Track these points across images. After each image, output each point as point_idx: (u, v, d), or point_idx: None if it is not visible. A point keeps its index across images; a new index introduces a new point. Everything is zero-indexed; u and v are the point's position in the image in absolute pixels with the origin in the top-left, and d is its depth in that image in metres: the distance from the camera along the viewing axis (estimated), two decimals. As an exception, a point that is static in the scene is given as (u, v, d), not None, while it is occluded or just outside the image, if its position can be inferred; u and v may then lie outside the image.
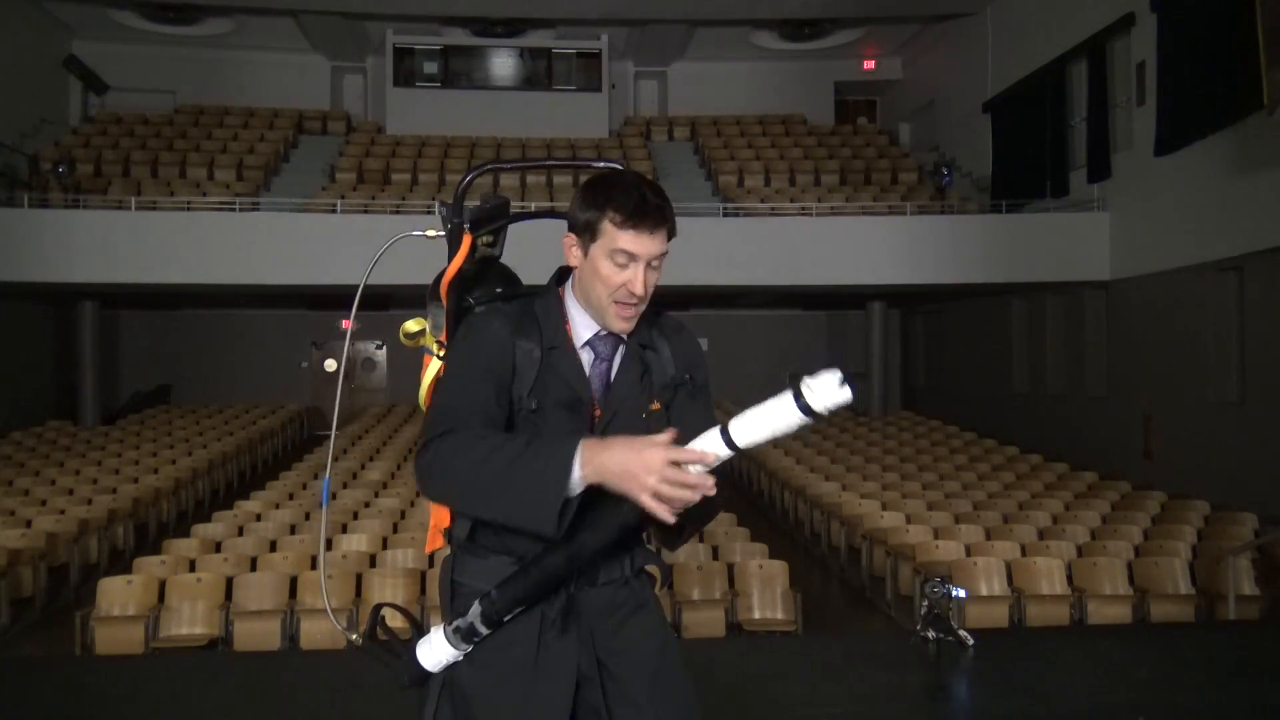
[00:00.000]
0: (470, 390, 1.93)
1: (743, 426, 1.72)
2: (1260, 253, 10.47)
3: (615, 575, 2.05)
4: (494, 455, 1.78)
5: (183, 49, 19.30)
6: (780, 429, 1.69)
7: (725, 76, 20.71)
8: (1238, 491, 10.22)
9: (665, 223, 1.93)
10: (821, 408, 1.64)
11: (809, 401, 1.64)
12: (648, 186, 1.94)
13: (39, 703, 4.39)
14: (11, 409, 15.04)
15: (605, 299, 1.94)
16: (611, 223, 1.90)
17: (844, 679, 4.56)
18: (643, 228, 1.90)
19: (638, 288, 1.92)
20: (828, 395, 1.64)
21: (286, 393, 18.68)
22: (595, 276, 1.94)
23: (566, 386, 1.97)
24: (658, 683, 2.04)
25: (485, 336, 1.98)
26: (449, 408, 1.91)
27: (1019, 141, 15.20)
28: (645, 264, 1.93)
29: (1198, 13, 10.73)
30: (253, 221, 14.14)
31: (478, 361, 1.96)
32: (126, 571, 7.53)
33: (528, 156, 17.74)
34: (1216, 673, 4.65)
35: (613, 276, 1.92)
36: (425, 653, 1.98)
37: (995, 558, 7.51)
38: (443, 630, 1.96)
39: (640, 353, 2.05)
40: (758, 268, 14.16)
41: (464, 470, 1.80)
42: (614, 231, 1.90)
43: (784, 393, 1.67)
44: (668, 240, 1.95)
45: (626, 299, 1.93)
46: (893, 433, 14.95)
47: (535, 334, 1.98)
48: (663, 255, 1.95)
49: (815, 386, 1.64)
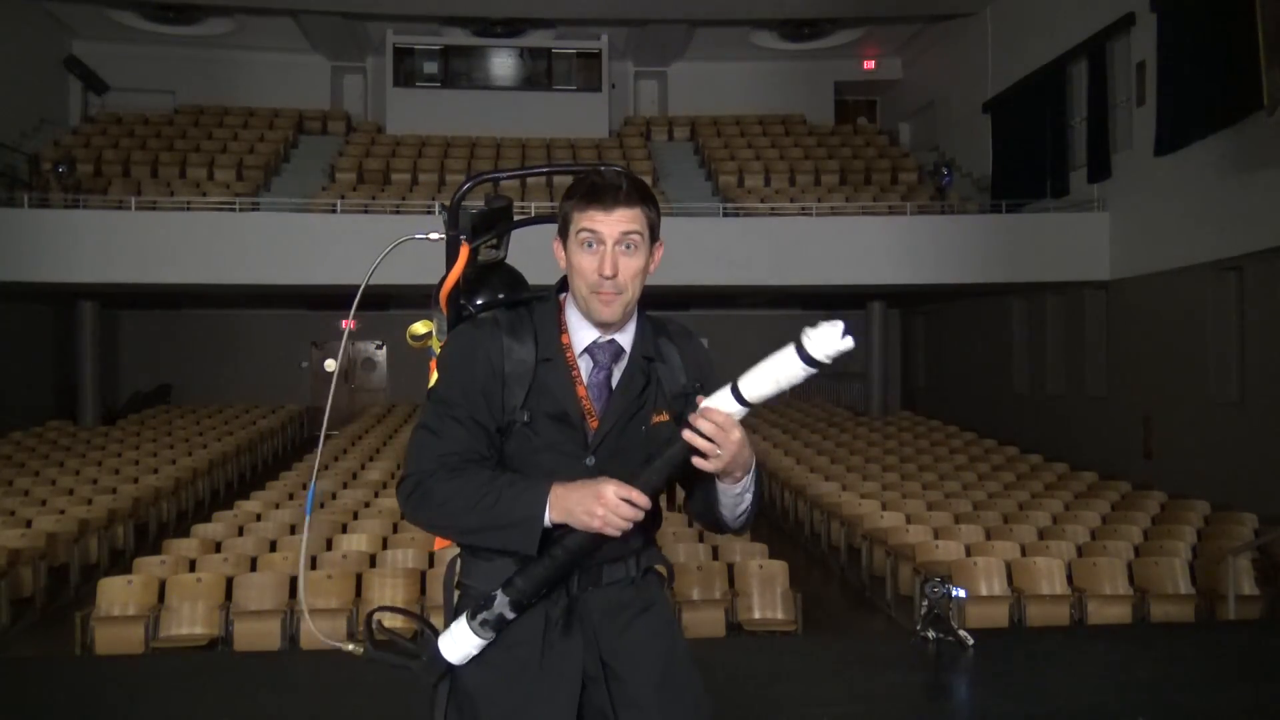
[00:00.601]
0: (456, 412, 1.94)
1: (751, 381, 1.78)
2: (1260, 253, 10.47)
3: (620, 575, 2.04)
4: (473, 508, 1.87)
5: (183, 49, 19.31)
6: (785, 380, 1.75)
7: (725, 76, 20.71)
8: (1238, 491, 10.22)
9: (624, 199, 1.92)
10: (823, 356, 1.70)
11: (810, 351, 1.70)
12: (615, 173, 1.95)
13: (39, 703, 4.39)
14: (11, 409, 15.04)
15: (586, 290, 1.94)
16: (575, 209, 1.93)
17: (844, 679, 4.56)
18: (598, 205, 1.91)
19: (606, 268, 1.91)
20: (828, 344, 1.69)
21: (286, 393, 18.69)
22: (573, 271, 1.95)
23: (556, 401, 1.96)
24: (665, 684, 2.03)
25: (473, 350, 1.97)
26: (429, 445, 1.94)
27: (1019, 141, 15.20)
28: (613, 244, 1.92)
29: (1198, 13, 10.74)
30: (253, 221, 14.14)
31: (464, 379, 1.96)
32: (126, 571, 7.52)
33: (526, 162, 17.75)
34: (1216, 673, 4.65)
35: (585, 263, 1.92)
36: (449, 646, 1.97)
37: (995, 558, 7.51)
38: (465, 623, 1.96)
39: (645, 365, 2.02)
40: (758, 268, 14.16)
41: (447, 517, 1.92)
42: (577, 216, 1.93)
43: (787, 345, 1.73)
44: (641, 222, 1.94)
45: (601, 285, 1.92)
46: (893, 433, 14.95)
47: (529, 344, 1.97)
48: (633, 235, 1.93)
49: (815, 336, 1.70)
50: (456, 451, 1.92)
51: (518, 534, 1.86)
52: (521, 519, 1.85)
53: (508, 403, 1.95)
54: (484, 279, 2.17)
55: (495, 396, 1.95)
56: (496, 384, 1.95)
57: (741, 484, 1.96)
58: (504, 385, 1.95)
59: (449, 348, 2.05)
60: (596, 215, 1.91)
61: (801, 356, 1.71)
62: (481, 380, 1.95)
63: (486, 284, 2.16)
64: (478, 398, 1.94)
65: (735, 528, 2.08)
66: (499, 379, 1.95)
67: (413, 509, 1.95)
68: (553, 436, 1.95)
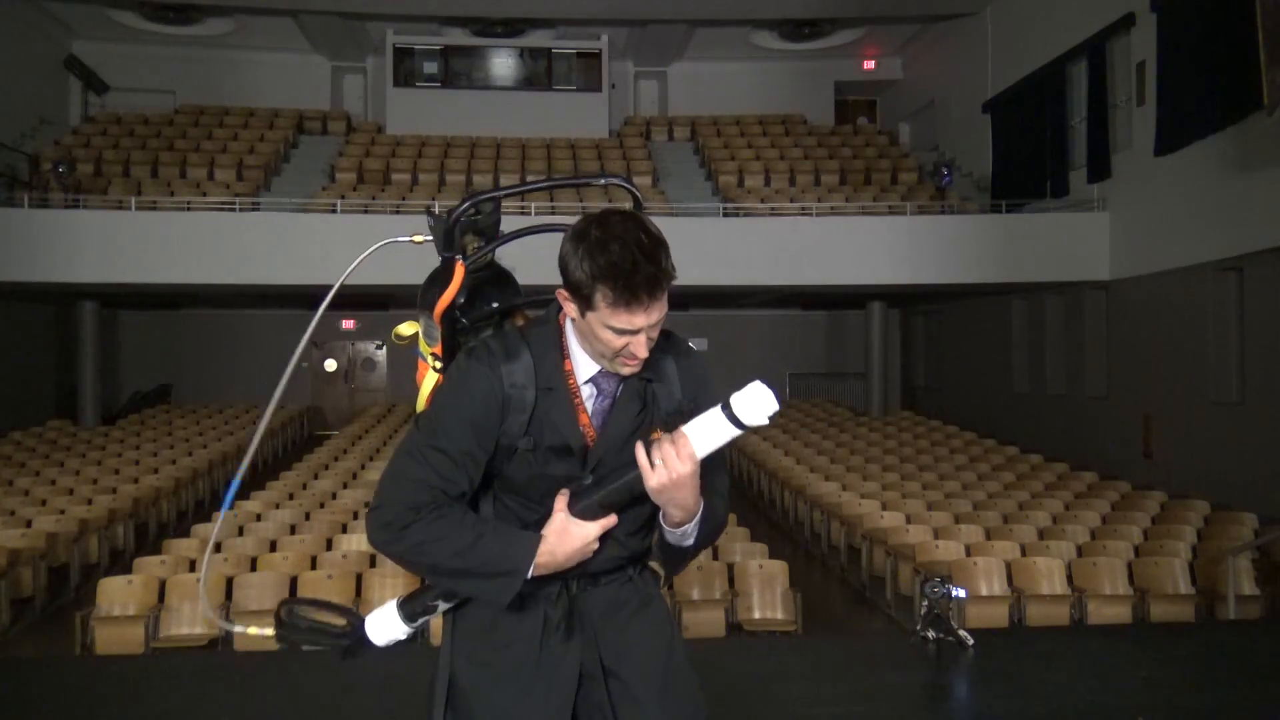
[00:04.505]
0: (441, 443, 1.90)
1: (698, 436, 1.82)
2: (1260, 253, 10.47)
3: (617, 574, 2.05)
4: (454, 556, 1.87)
5: (183, 49, 19.31)
6: (717, 441, 1.81)
7: (725, 76, 20.71)
8: (1238, 491, 10.23)
9: (661, 290, 1.80)
10: (754, 422, 1.76)
11: (739, 414, 1.76)
12: (639, 250, 1.77)
13: (39, 703, 4.39)
14: (11, 409, 15.04)
15: (608, 356, 1.89)
16: (604, 300, 1.79)
17: (844, 679, 4.56)
18: (637, 306, 1.78)
19: (641, 351, 1.85)
20: (756, 408, 1.75)
21: (287, 393, 18.60)
22: (594, 338, 1.87)
23: (558, 433, 1.93)
24: (665, 681, 2.03)
25: (469, 382, 1.93)
26: (408, 472, 1.91)
27: (1019, 141, 15.20)
28: (645, 331, 1.84)
29: (1198, 13, 10.74)
30: (253, 221, 14.14)
31: (454, 410, 1.92)
32: (126, 571, 7.53)
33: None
34: (1216, 673, 4.65)
35: (613, 342, 1.84)
36: (374, 626, 2.03)
37: (995, 558, 7.51)
38: (393, 606, 2.00)
39: (642, 387, 1.99)
40: (758, 268, 14.16)
41: (424, 563, 1.91)
42: (607, 309, 1.79)
43: (715, 410, 1.79)
44: (666, 295, 1.83)
45: (629, 359, 1.88)
46: (893, 433, 14.95)
47: (528, 370, 1.92)
48: (663, 316, 1.85)
49: (742, 401, 1.75)
50: (439, 485, 1.89)
51: (497, 585, 1.88)
52: (503, 571, 1.87)
53: (510, 430, 1.92)
54: (477, 288, 2.13)
55: (491, 429, 1.91)
56: (495, 416, 1.91)
57: (681, 530, 1.95)
58: (505, 415, 1.91)
59: (446, 378, 2.02)
60: (635, 315, 1.80)
61: (730, 419, 1.77)
62: (472, 413, 1.90)
63: (480, 293, 2.12)
64: (466, 430, 1.90)
65: (667, 568, 2.06)
66: (498, 410, 1.91)
67: (386, 543, 1.90)
68: (553, 464, 1.95)
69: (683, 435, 1.81)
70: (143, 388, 18.51)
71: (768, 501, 12.63)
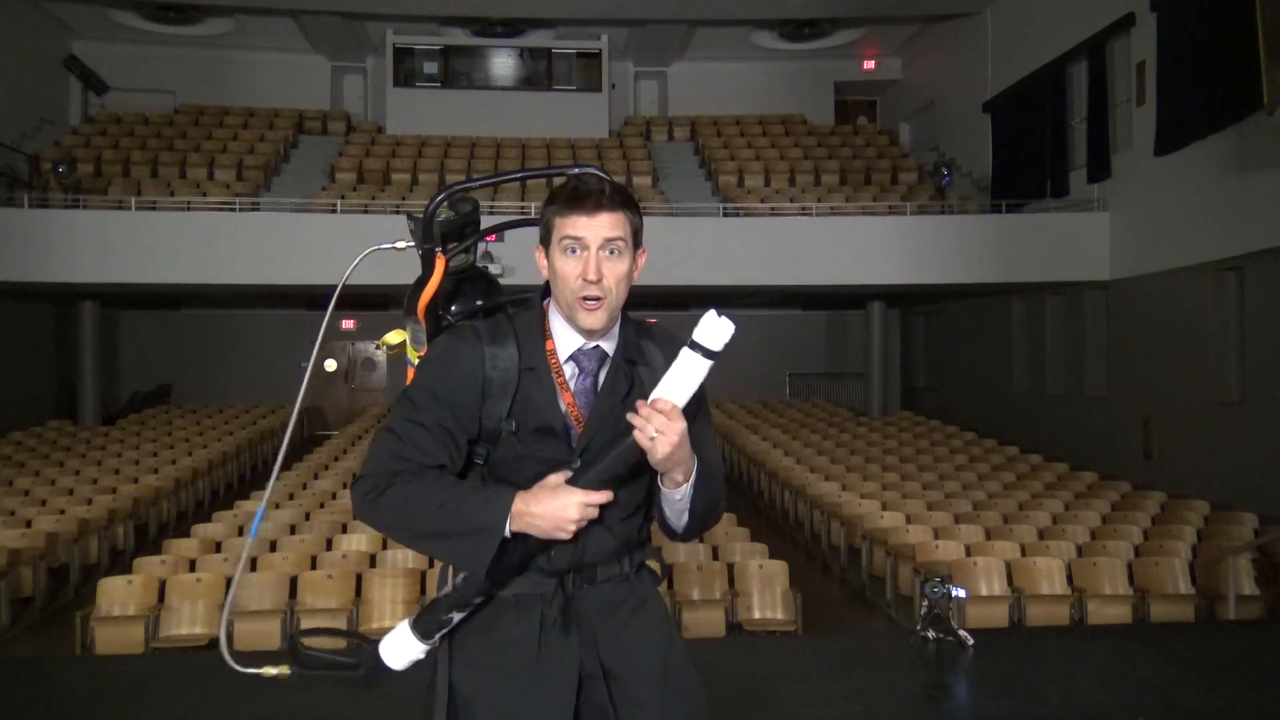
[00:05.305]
0: (422, 417, 1.92)
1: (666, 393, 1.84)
2: (1260, 253, 10.47)
3: (614, 572, 2.04)
4: (431, 513, 1.86)
5: (183, 49, 19.32)
6: (695, 380, 1.83)
7: (725, 76, 20.72)
8: (1238, 491, 10.23)
9: (606, 203, 1.90)
10: (719, 346, 1.80)
11: (704, 344, 1.79)
12: (596, 178, 1.93)
13: (39, 703, 4.39)
14: (11, 409, 15.04)
15: (570, 297, 1.92)
16: (557, 215, 1.92)
17: (844, 679, 4.56)
18: (581, 210, 1.89)
19: (590, 272, 1.89)
20: (717, 334, 1.79)
21: (286, 393, 18.66)
22: (556, 277, 1.93)
23: (541, 415, 1.94)
24: (665, 681, 2.03)
25: (451, 358, 1.95)
26: (390, 446, 1.93)
27: (1019, 141, 15.21)
28: (596, 249, 1.90)
29: (1198, 13, 10.74)
30: (253, 221, 14.14)
31: (435, 386, 1.94)
32: (126, 571, 7.53)
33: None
34: (1216, 673, 4.64)
35: (568, 269, 1.90)
36: (390, 650, 2.00)
37: (995, 558, 7.51)
38: (406, 627, 1.97)
39: (628, 369, 2.01)
40: (758, 268, 14.16)
41: (404, 525, 1.92)
42: (559, 222, 1.91)
43: (682, 350, 1.83)
44: (624, 227, 1.92)
45: (585, 290, 1.90)
46: (893, 433, 14.95)
47: (511, 353, 1.95)
48: (616, 241, 1.91)
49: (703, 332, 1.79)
50: (416, 457, 1.91)
51: (471, 544, 1.85)
52: (480, 528, 1.85)
53: (492, 412, 1.93)
54: (459, 287, 2.15)
55: (471, 407, 1.93)
56: (475, 394, 1.93)
57: (682, 489, 1.95)
58: (487, 395, 1.93)
59: (428, 355, 2.04)
60: (579, 221, 1.89)
61: (701, 353, 1.80)
62: (454, 389, 1.92)
63: (462, 292, 2.14)
64: (446, 405, 1.92)
65: (681, 535, 2.06)
66: (479, 389, 1.93)
67: (367, 509, 1.93)
68: (539, 445, 1.95)
69: (661, 399, 1.82)
70: (143, 388, 18.50)
71: (768, 501, 12.63)
